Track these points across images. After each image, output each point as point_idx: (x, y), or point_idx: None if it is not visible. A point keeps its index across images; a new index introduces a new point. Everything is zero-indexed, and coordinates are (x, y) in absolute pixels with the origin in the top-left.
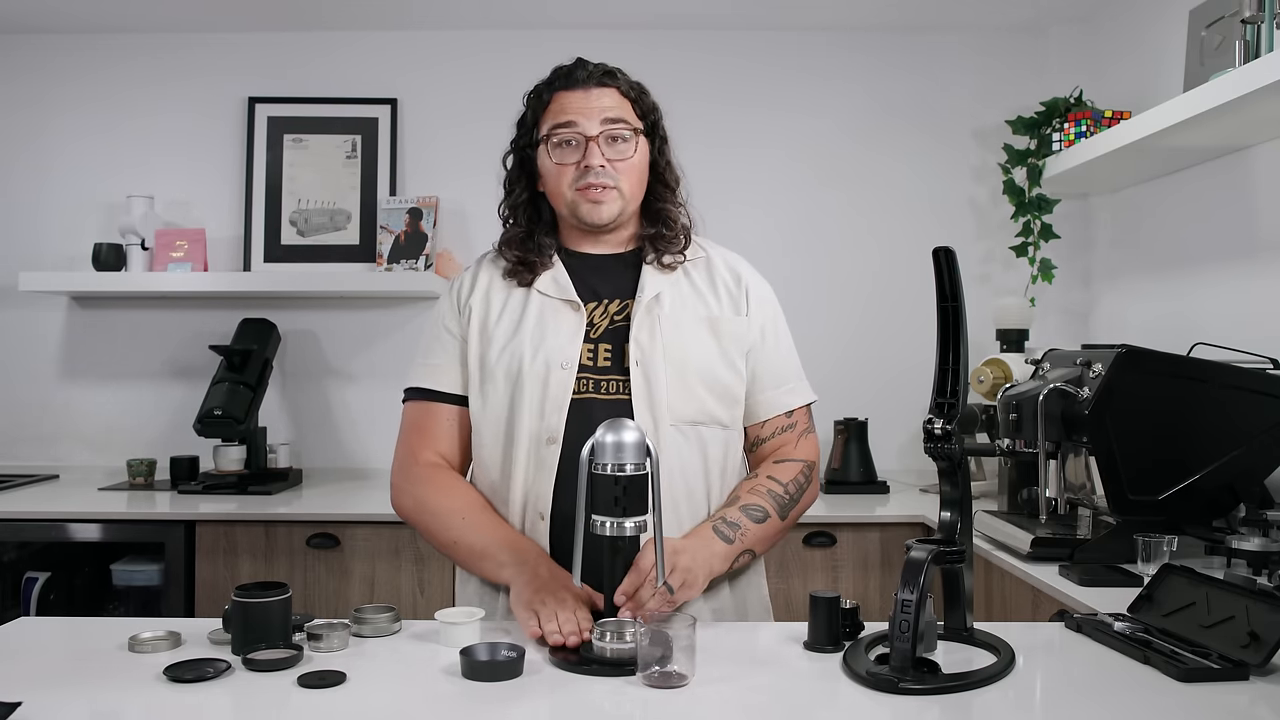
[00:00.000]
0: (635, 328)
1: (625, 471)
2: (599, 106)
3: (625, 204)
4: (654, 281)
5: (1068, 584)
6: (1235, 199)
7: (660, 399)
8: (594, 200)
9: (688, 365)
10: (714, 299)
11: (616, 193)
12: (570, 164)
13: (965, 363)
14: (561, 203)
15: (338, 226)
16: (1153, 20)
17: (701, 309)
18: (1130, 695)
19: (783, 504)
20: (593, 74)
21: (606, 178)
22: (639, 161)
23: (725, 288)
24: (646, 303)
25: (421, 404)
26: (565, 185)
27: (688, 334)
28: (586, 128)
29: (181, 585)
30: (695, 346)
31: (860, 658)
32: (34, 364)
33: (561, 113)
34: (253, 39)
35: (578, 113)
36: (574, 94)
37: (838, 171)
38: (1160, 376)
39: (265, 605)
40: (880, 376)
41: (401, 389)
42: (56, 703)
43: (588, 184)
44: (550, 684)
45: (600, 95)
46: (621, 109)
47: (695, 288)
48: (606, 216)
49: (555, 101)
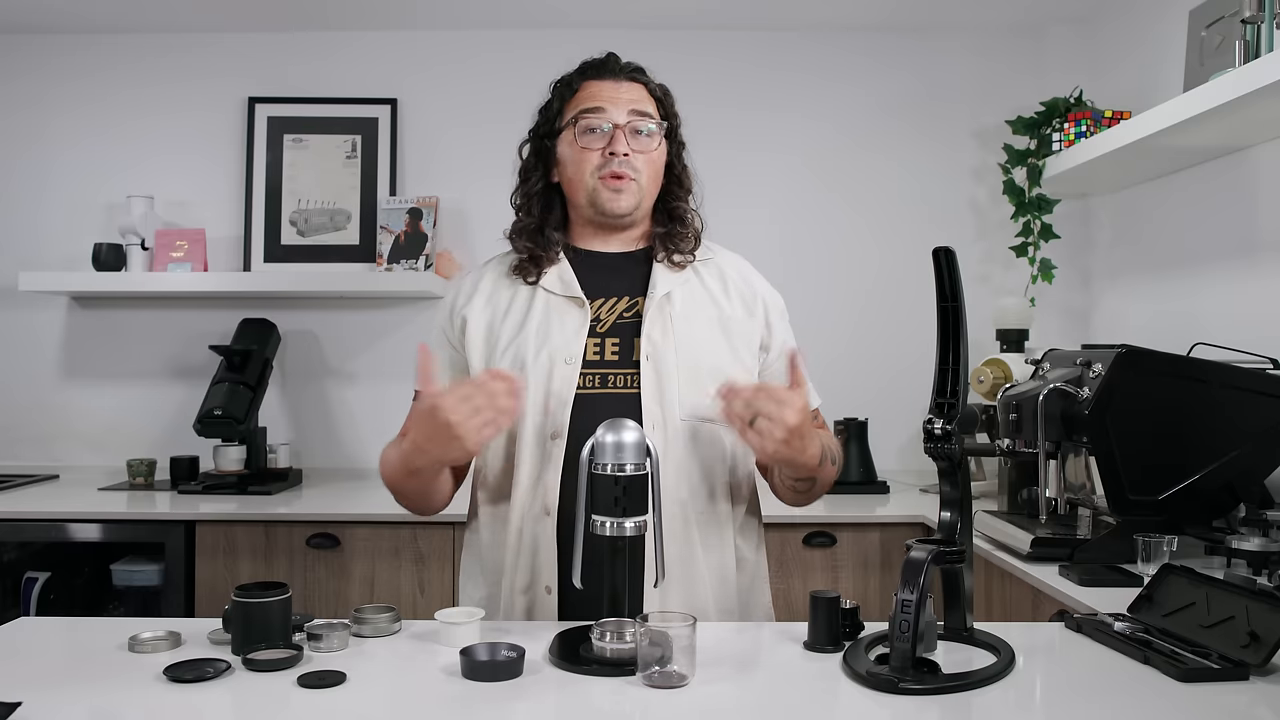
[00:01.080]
0: (648, 324)
1: (625, 471)
2: (627, 97)
3: (642, 198)
4: (665, 279)
5: (1068, 584)
6: (1235, 199)
7: (671, 394)
8: (615, 189)
9: (700, 362)
10: (725, 300)
11: (636, 185)
12: (595, 149)
13: (965, 363)
14: (581, 190)
15: (338, 226)
16: (1153, 20)
17: (713, 309)
18: (1130, 695)
19: (835, 459)
20: (624, 68)
21: (628, 167)
22: (659, 157)
23: (737, 290)
24: (659, 300)
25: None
26: (587, 172)
27: (700, 332)
28: (614, 115)
29: (181, 585)
30: (707, 344)
31: (860, 658)
32: (34, 364)
33: (591, 99)
34: (253, 39)
35: (607, 100)
36: (604, 83)
37: (838, 171)
38: (1160, 376)
39: (265, 605)
40: (880, 376)
41: (404, 388)
42: (56, 703)
43: (610, 172)
44: (550, 684)
45: (630, 88)
46: (648, 104)
47: (706, 288)
48: (625, 207)
49: (585, 89)
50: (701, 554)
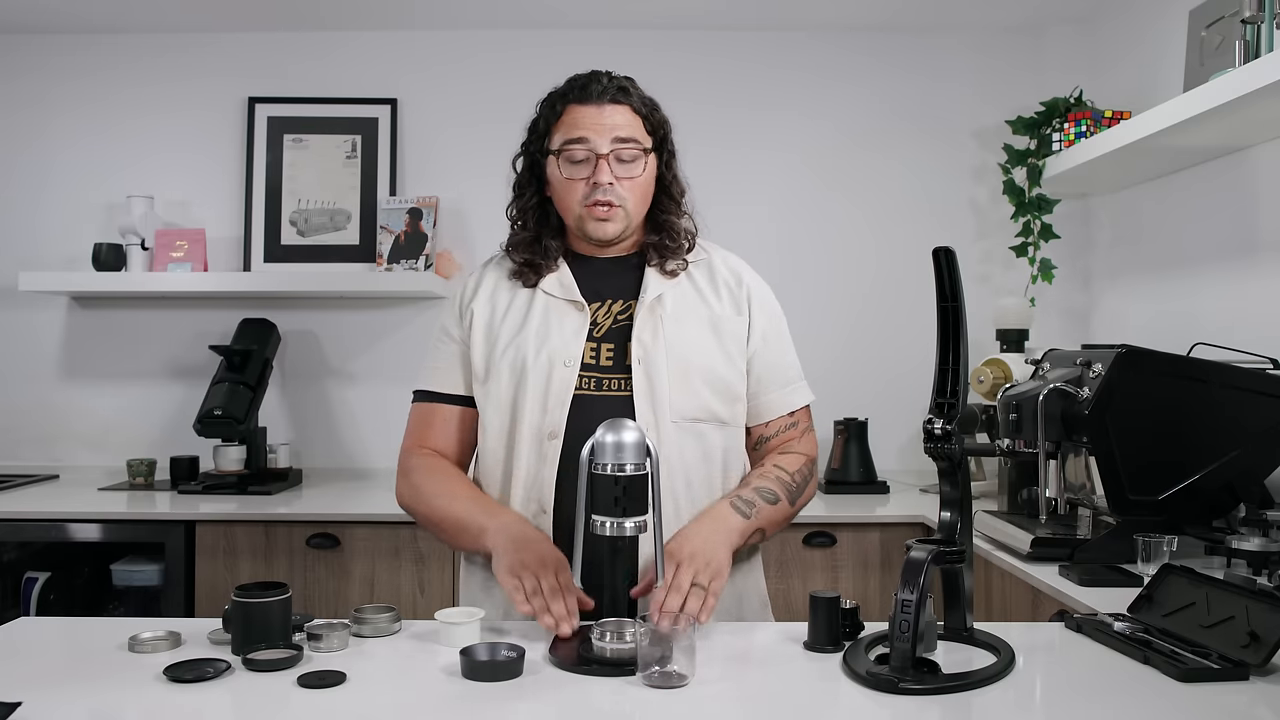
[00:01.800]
0: (638, 327)
1: (625, 471)
2: (610, 124)
3: (629, 221)
4: (656, 283)
5: (1068, 584)
6: (1235, 199)
7: (662, 396)
8: (600, 218)
9: (690, 363)
10: (715, 299)
11: (622, 211)
12: (579, 179)
13: (965, 363)
14: (569, 216)
15: (338, 226)
16: (1153, 20)
17: (703, 309)
18: (1130, 695)
19: (791, 490)
20: (606, 89)
21: (613, 196)
22: (645, 180)
23: (726, 288)
24: (649, 303)
25: (424, 405)
26: (574, 201)
27: (690, 333)
28: (597, 145)
29: (181, 585)
30: (697, 345)
31: (860, 658)
32: (34, 364)
33: (574, 127)
34: (253, 39)
35: (590, 129)
36: (587, 109)
37: (837, 171)
38: (1160, 376)
39: (265, 605)
40: (880, 376)
41: (404, 388)
42: (56, 703)
43: (595, 201)
44: (550, 684)
45: (613, 113)
46: (633, 127)
47: (697, 288)
48: (611, 233)
49: (568, 114)
50: None
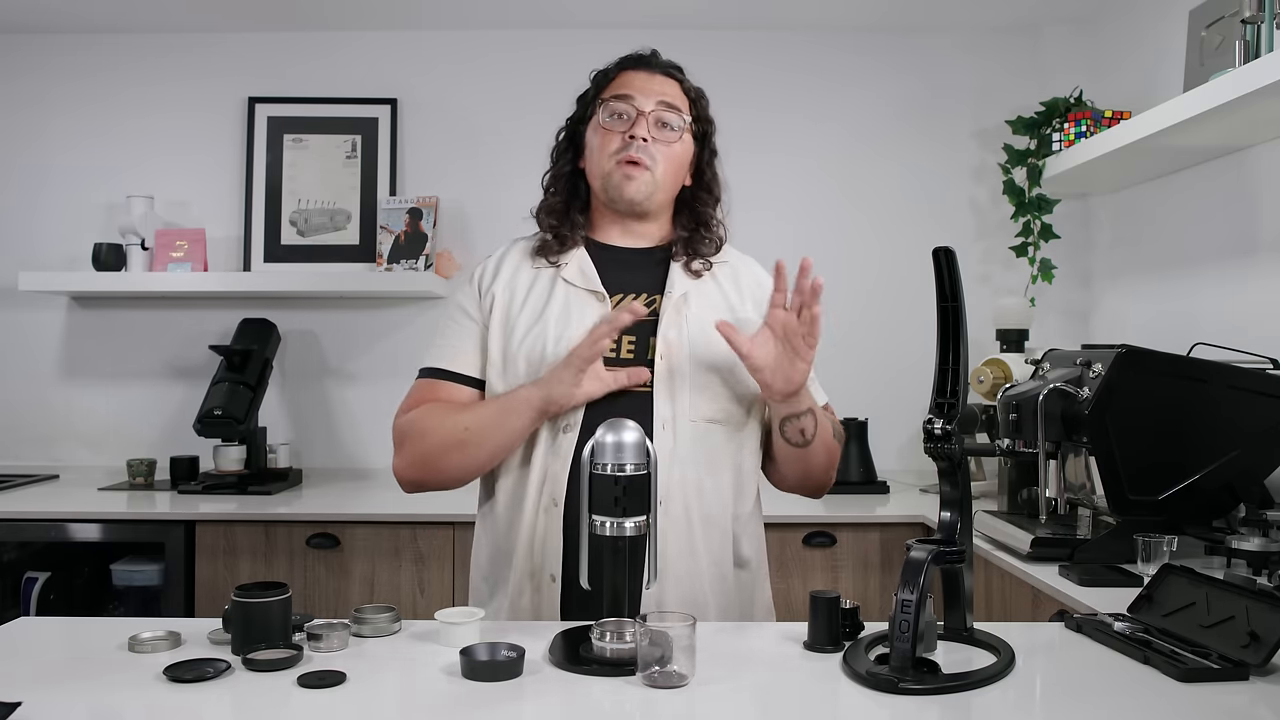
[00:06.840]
0: (664, 324)
1: (625, 472)
2: (659, 89)
3: (655, 189)
4: (682, 281)
5: (1068, 584)
6: (1235, 199)
7: (682, 395)
8: (627, 175)
9: (713, 365)
10: (740, 302)
11: (650, 175)
12: (616, 132)
13: (965, 363)
14: (597, 175)
15: (338, 226)
16: (1153, 20)
17: (727, 312)
18: (1130, 695)
19: (835, 427)
20: (662, 63)
21: (645, 155)
22: (680, 152)
23: (750, 293)
24: (675, 301)
25: (431, 380)
26: (606, 154)
27: (713, 333)
28: (642, 103)
29: (181, 585)
30: (721, 346)
31: (860, 658)
32: (34, 364)
33: (623, 86)
34: (253, 39)
35: (638, 89)
36: (639, 73)
37: (837, 171)
38: (1160, 376)
39: (265, 605)
40: (880, 376)
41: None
42: (56, 703)
43: (626, 157)
44: (550, 684)
45: (664, 82)
46: (679, 100)
47: (722, 290)
48: (635, 193)
49: (620, 78)
50: (704, 553)
